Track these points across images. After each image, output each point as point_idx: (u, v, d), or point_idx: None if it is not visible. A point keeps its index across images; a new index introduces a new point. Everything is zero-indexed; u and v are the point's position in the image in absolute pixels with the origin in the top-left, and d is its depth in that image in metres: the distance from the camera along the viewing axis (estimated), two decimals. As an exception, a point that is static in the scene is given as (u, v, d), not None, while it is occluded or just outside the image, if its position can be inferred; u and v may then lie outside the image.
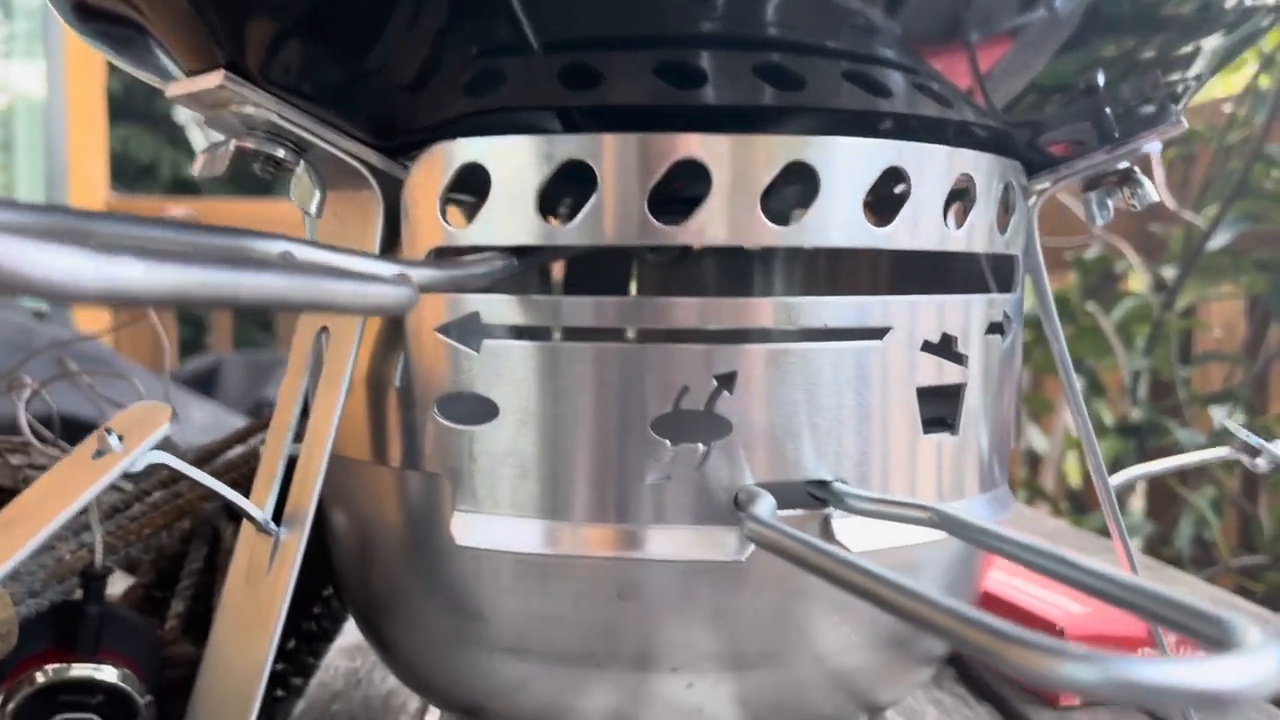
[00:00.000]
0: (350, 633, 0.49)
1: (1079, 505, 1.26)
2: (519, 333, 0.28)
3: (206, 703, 0.28)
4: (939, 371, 0.29)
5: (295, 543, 0.28)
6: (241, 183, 2.79)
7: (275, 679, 0.40)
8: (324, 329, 0.29)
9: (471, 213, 0.28)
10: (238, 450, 0.42)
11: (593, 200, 0.26)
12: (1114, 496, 0.34)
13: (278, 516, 0.29)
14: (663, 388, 0.27)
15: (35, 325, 1.23)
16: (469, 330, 0.28)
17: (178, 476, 0.39)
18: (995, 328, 0.31)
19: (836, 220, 0.27)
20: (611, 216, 0.27)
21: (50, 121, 2.24)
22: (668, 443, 0.27)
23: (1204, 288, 1.11)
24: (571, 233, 0.27)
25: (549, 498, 0.28)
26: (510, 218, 0.27)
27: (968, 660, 0.47)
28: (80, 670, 0.33)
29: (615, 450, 0.27)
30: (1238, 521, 1.14)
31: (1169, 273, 1.16)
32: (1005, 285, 0.33)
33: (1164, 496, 1.23)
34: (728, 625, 0.28)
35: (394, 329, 0.29)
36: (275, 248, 0.21)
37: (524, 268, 0.28)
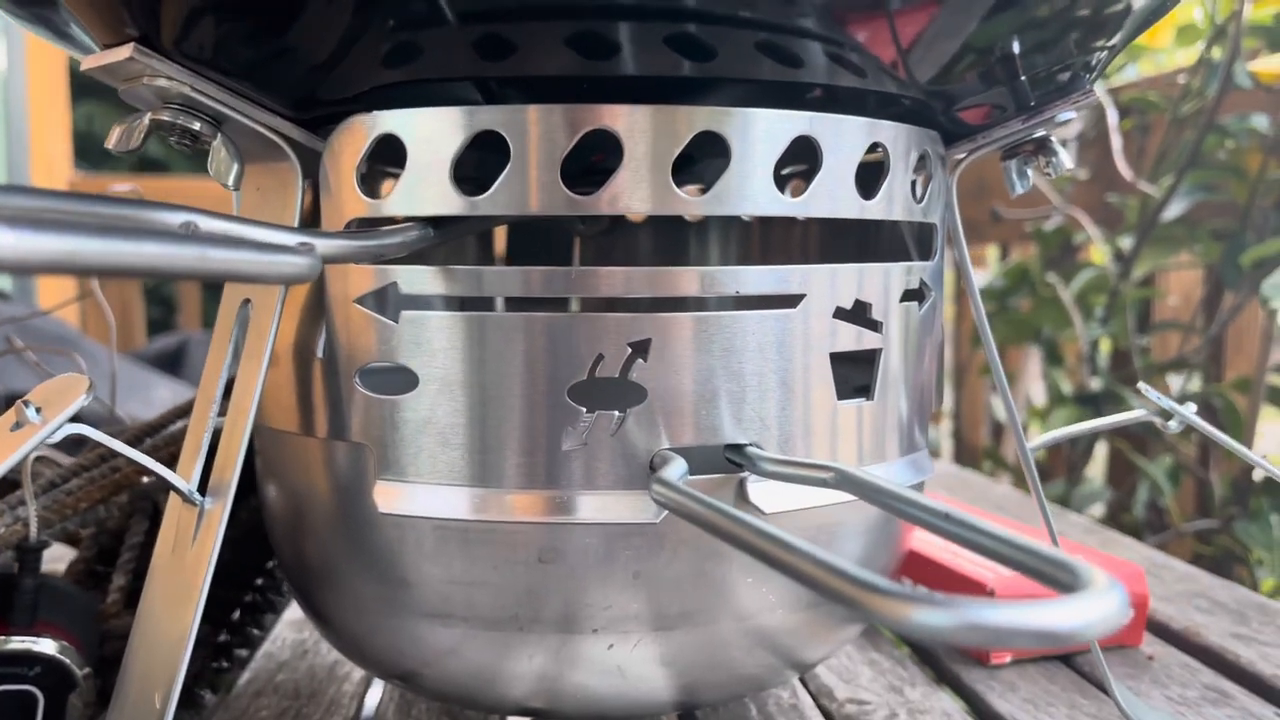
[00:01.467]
0: (296, 606, 0.49)
1: (1041, 473, 1.28)
2: (441, 303, 0.28)
3: (134, 670, 0.28)
4: (858, 338, 0.30)
5: (219, 512, 0.28)
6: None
7: (220, 650, 0.41)
8: (246, 301, 0.29)
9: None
10: (179, 425, 0.42)
11: (507, 170, 0.27)
12: (1032, 460, 0.34)
13: (203, 488, 0.29)
14: (578, 356, 0.27)
15: (-6, 305, 1.22)
16: (388, 301, 0.28)
17: (116, 452, 0.39)
18: (912, 294, 0.32)
19: (750, 189, 0.28)
20: (527, 186, 0.27)
21: (10, 99, 2.20)
22: (584, 410, 0.27)
23: (1160, 258, 1.13)
24: (487, 203, 0.27)
25: (469, 465, 0.28)
26: (427, 188, 0.27)
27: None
28: (17, 643, 0.33)
29: (533, 418, 0.28)
30: (1195, 489, 1.16)
31: (1126, 243, 1.17)
32: (925, 253, 0.34)
33: (1123, 465, 1.24)
34: (646, 587, 0.29)
35: (317, 300, 0.29)
36: (177, 218, 0.21)
37: (442, 239, 0.28)
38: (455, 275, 0.28)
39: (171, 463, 0.38)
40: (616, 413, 0.28)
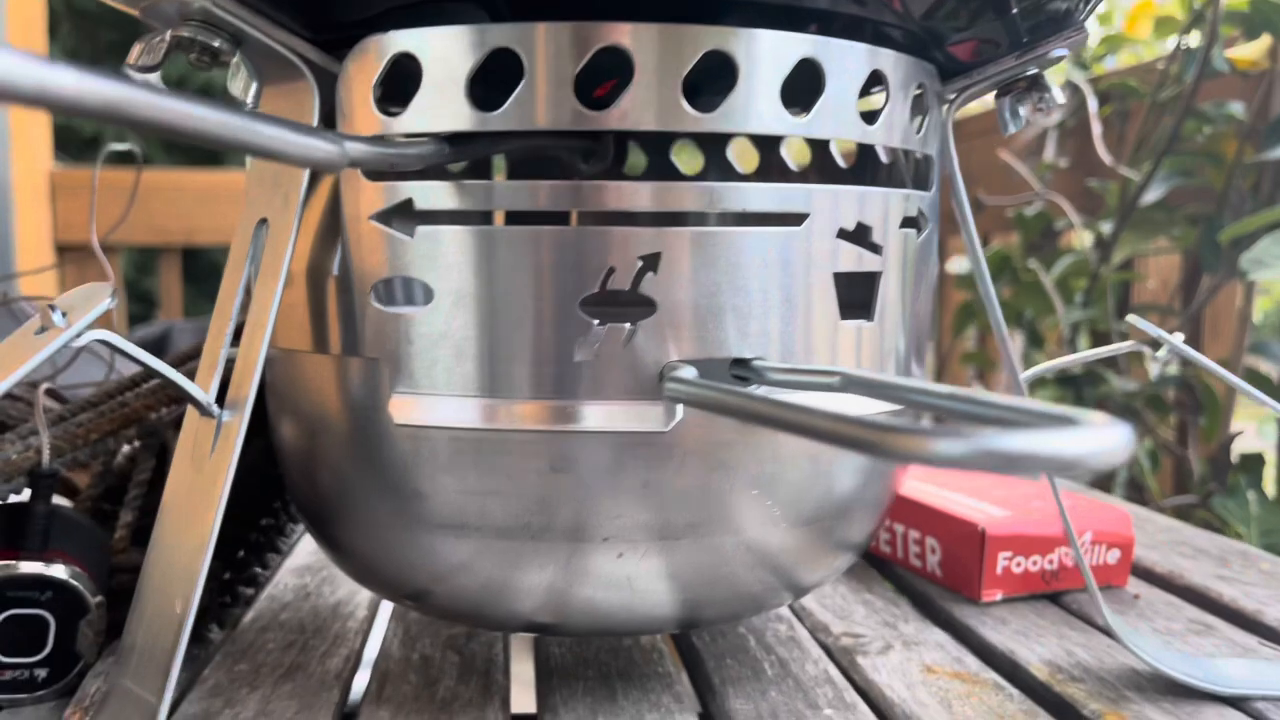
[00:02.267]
0: (299, 554, 0.50)
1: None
2: (454, 218, 0.29)
3: (154, 579, 0.29)
4: (859, 259, 0.31)
5: (237, 424, 0.29)
6: (189, 153, 2.75)
7: (224, 587, 0.41)
8: (263, 221, 0.30)
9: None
10: (189, 366, 0.42)
11: (521, 86, 0.28)
12: (1026, 390, 0.35)
13: (220, 402, 0.30)
14: (591, 269, 0.28)
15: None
16: (404, 215, 0.29)
17: (126, 386, 0.39)
18: (911, 222, 0.33)
19: (756, 108, 0.28)
20: (539, 103, 0.28)
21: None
22: (595, 322, 0.28)
23: (1139, 242, 1.14)
24: (501, 119, 0.28)
25: (484, 376, 0.29)
26: (441, 105, 0.28)
27: (896, 564, 0.48)
28: (29, 567, 0.34)
29: (547, 330, 0.28)
30: (1173, 468, 1.17)
31: (1106, 228, 1.19)
32: (921, 184, 0.35)
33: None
34: (655, 497, 0.29)
35: (331, 220, 0.30)
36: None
37: (456, 155, 0.29)
38: (468, 189, 0.29)
39: (175, 403, 0.39)
40: (627, 325, 0.28)
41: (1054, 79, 0.34)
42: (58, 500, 0.42)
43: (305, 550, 0.51)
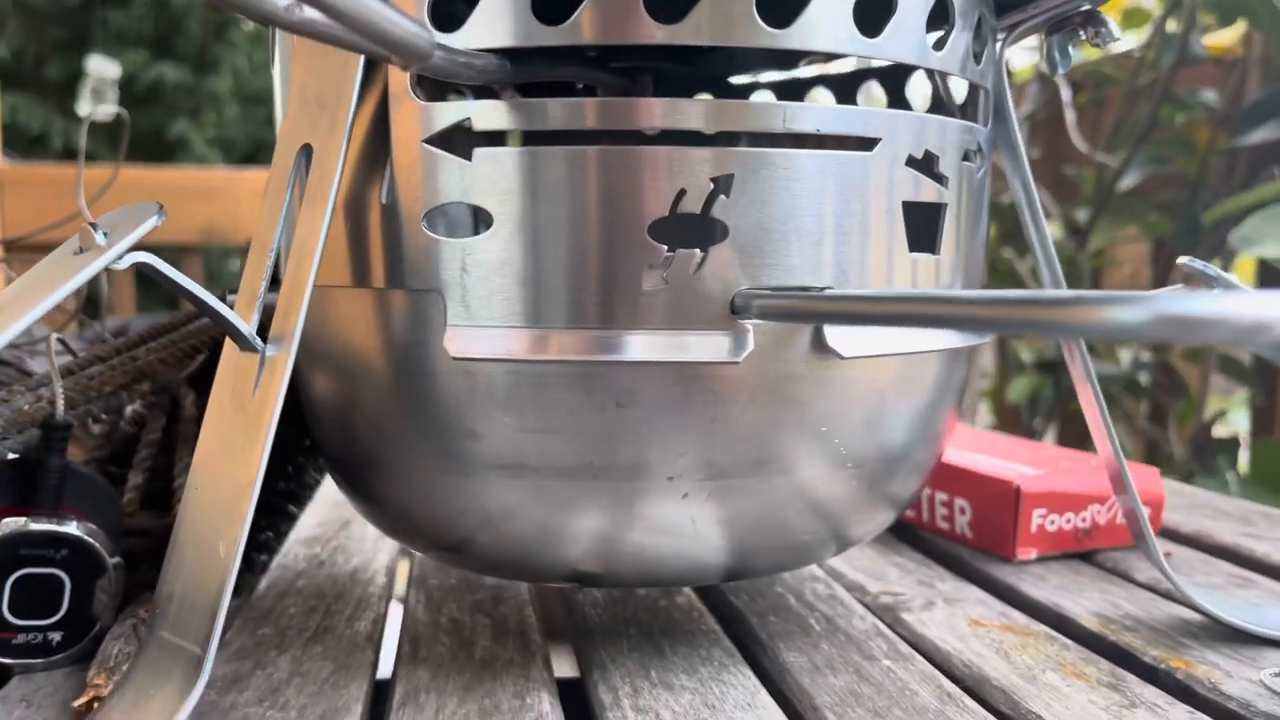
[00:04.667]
0: (306, 525, 0.48)
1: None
2: (513, 140, 0.27)
3: (194, 525, 0.27)
4: (928, 189, 0.30)
5: (284, 359, 0.27)
6: (143, 149, 2.70)
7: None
8: (305, 146, 0.28)
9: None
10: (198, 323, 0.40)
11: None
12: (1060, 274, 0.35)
13: (262, 336, 0.28)
14: (661, 191, 0.27)
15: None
16: (456, 139, 0.28)
17: (137, 342, 0.37)
18: (969, 156, 0.32)
19: (829, 26, 0.27)
20: (606, 13, 0.26)
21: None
22: (665, 248, 0.27)
23: (1115, 229, 1.15)
24: (564, 32, 0.26)
25: (545, 306, 0.27)
26: (502, 17, 0.27)
27: (921, 528, 0.48)
28: (43, 524, 0.32)
29: (612, 256, 0.27)
30: (1144, 452, 1.19)
31: (1082, 215, 1.20)
32: (979, 119, 0.34)
33: (1076, 430, 1.27)
34: (722, 433, 0.28)
35: (378, 144, 0.28)
36: (285, -4, 0.20)
37: (517, 75, 0.27)
38: (532, 108, 0.27)
39: (188, 359, 0.37)
40: (698, 251, 0.27)
41: (1114, 21, 0.33)
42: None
43: (310, 523, 0.49)
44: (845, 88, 0.41)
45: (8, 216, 2.11)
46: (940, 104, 0.36)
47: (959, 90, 0.35)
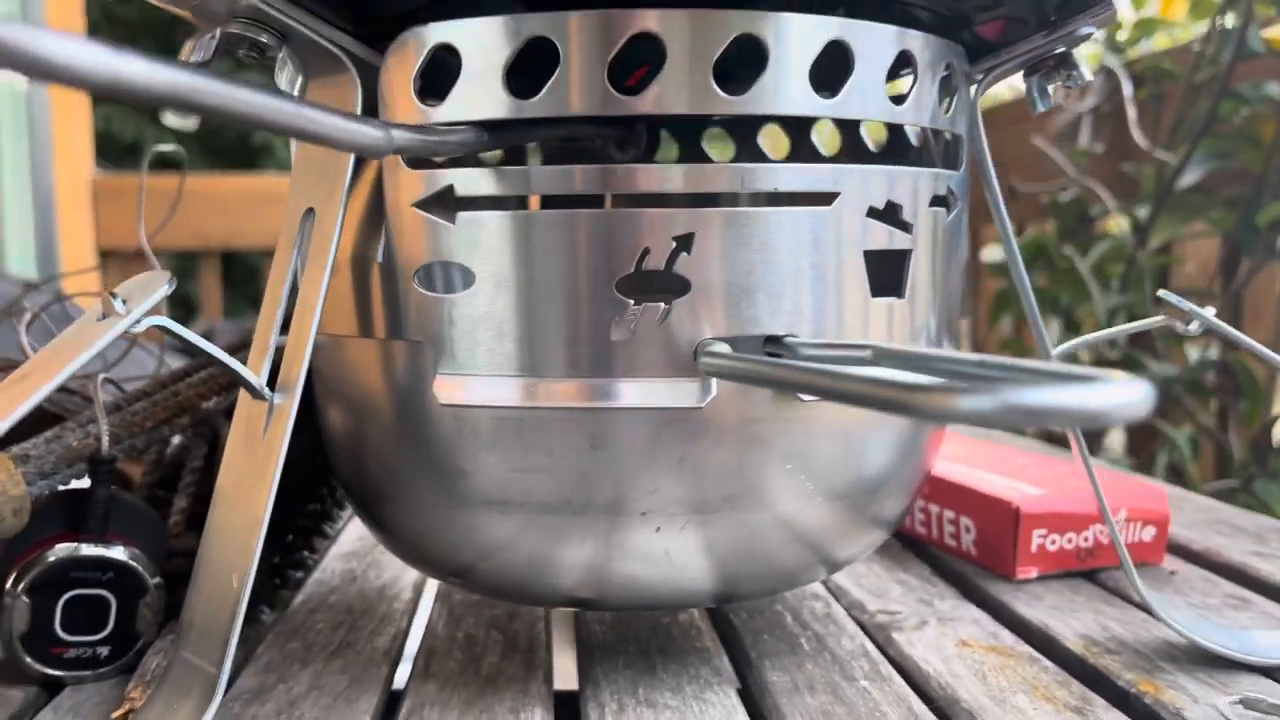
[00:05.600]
0: (344, 541, 0.51)
1: (1057, 443, 1.29)
2: (492, 204, 0.30)
3: (212, 555, 0.30)
4: (889, 237, 0.31)
5: (288, 407, 0.30)
6: (228, 158, 2.80)
7: (274, 570, 0.43)
8: (309, 210, 0.31)
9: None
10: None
11: (557, 73, 0.28)
12: (1043, 330, 0.36)
13: (271, 385, 0.31)
14: (626, 250, 0.29)
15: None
16: (445, 203, 0.30)
17: (179, 377, 0.41)
18: (940, 201, 0.33)
19: (786, 90, 0.29)
20: (575, 89, 0.28)
21: (34, 102, 2.23)
22: (631, 302, 0.29)
23: (1176, 226, 1.13)
24: (537, 105, 0.29)
25: (524, 356, 0.30)
26: (480, 94, 0.29)
27: (932, 545, 0.49)
28: (90, 549, 0.35)
29: (584, 310, 0.29)
30: (1214, 453, 1.17)
31: (1142, 213, 1.18)
32: (950, 163, 0.35)
33: (1144, 433, 1.25)
34: (691, 471, 0.30)
35: (375, 209, 0.31)
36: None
37: (494, 142, 0.30)
38: (506, 175, 0.29)
39: (230, 387, 0.40)
40: (662, 304, 0.29)
41: (1087, 62, 0.34)
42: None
43: (351, 537, 0.52)
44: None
45: (102, 225, 2.21)
46: (909, 149, 0.37)
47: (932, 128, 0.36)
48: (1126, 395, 0.16)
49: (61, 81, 0.15)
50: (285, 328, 0.32)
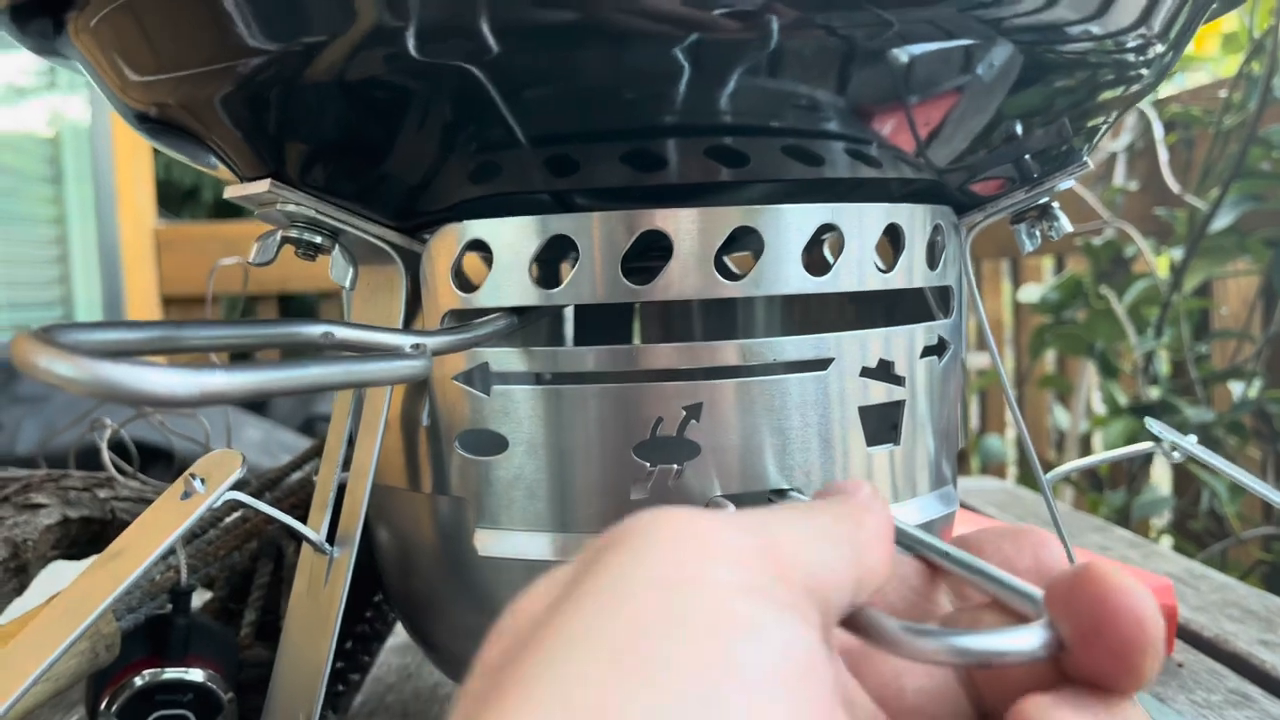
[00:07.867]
0: (401, 633, 0.55)
1: (1097, 484, 1.30)
2: (523, 378, 0.33)
3: (281, 694, 0.34)
4: (885, 392, 0.34)
5: (346, 560, 0.34)
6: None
7: (336, 676, 0.47)
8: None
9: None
10: (295, 476, 0.48)
11: (576, 268, 0.32)
12: (1049, 491, 0.39)
13: (331, 537, 0.34)
14: (641, 419, 0.32)
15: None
16: (481, 378, 0.34)
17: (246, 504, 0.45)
18: (933, 349, 0.36)
19: (782, 273, 0.32)
20: (593, 280, 0.32)
21: (97, 150, 2.31)
22: (647, 464, 0.32)
23: (1210, 269, 1.14)
24: (561, 294, 0.32)
25: (554, 513, 0.33)
26: (511, 284, 0.33)
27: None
28: (172, 674, 0.39)
29: (606, 472, 0.33)
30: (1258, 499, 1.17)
31: (1176, 255, 1.19)
32: (944, 311, 0.38)
33: (1188, 473, 1.26)
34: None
35: (422, 380, 0.35)
36: (318, 330, 0.26)
37: (524, 324, 0.33)
38: (535, 355, 0.33)
39: (293, 512, 0.44)
40: (675, 466, 0.32)
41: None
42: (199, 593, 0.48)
43: (403, 630, 0.56)
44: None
45: (165, 273, 2.29)
46: (903, 297, 0.40)
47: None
48: (1027, 640, 0.19)
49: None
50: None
